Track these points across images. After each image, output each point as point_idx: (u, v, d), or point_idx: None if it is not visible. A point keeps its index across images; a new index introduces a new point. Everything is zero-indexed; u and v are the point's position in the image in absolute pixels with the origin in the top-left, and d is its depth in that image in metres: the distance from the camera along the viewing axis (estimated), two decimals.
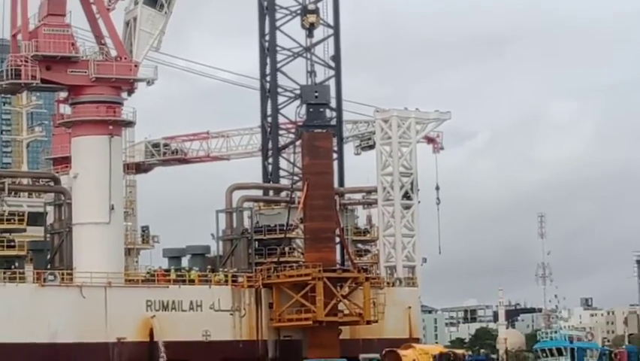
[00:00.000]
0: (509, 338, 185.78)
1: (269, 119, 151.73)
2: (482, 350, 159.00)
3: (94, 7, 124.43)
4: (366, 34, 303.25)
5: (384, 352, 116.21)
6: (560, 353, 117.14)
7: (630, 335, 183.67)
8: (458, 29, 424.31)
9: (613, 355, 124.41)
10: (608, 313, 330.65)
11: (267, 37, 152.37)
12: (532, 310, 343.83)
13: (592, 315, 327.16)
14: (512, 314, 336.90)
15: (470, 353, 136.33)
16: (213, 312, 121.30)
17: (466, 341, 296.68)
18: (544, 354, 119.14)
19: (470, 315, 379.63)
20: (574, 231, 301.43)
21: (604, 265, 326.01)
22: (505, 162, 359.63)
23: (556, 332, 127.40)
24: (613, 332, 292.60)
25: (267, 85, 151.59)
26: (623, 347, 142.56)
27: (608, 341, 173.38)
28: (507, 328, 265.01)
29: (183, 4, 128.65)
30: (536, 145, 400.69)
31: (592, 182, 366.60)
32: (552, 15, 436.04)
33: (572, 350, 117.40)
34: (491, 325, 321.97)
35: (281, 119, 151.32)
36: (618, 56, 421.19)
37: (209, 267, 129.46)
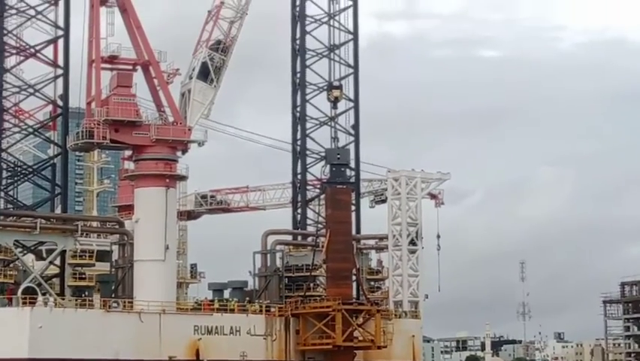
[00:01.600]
0: None
1: (299, 177, 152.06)
2: None
3: (155, 81, 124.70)
4: (382, 106, 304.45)
5: None
6: None
7: None
8: (460, 103, 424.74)
9: None
10: (577, 346, 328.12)
11: (298, 109, 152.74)
12: (513, 342, 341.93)
13: (563, 347, 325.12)
14: (497, 345, 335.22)
15: None
16: (250, 336, 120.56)
17: None
18: None
19: (462, 345, 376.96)
20: (552, 275, 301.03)
21: (575, 305, 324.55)
22: (495, 216, 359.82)
23: None
24: None
25: (298, 148, 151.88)
26: None
27: None
28: (492, 356, 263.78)
29: (230, 81, 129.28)
30: (522, 203, 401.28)
31: (568, 235, 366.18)
32: (538, 94, 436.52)
33: None
34: (479, 353, 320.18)
35: (308, 177, 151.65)
36: (591, 130, 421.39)
37: (247, 298, 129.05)
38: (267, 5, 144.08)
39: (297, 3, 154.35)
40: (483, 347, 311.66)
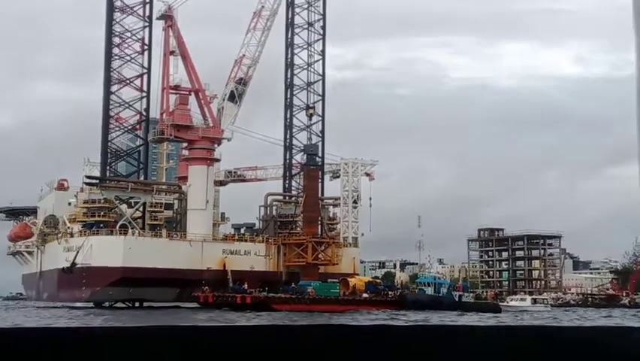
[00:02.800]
0: (401, 277, 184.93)
1: (287, 161, 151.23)
2: (387, 282, 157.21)
3: (202, 101, 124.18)
4: (340, 121, 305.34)
5: (340, 279, 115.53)
6: (428, 285, 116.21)
7: (464, 277, 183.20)
8: (387, 120, 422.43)
9: (455, 287, 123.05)
10: (451, 267, 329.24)
11: (288, 120, 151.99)
12: (413, 264, 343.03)
13: (443, 267, 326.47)
14: (403, 265, 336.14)
15: (382, 282, 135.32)
16: (256, 256, 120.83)
17: (379, 277, 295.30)
18: (421, 285, 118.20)
19: (382, 265, 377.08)
20: (437, 225, 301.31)
21: (451, 242, 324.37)
22: (406, 189, 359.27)
23: (427, 275, 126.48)
24: (452, 276, 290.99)
25: (287, 143, 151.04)
26: (460, 283, 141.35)
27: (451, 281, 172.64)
28: (400, 272, 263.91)
29: (248, 102, 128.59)
30: (422, 182, 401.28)
31: (449, 201, 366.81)
32: (429, 116, 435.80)
33: (435, 283, 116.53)
34: (392, 270, 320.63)
35: (293, 162, 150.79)
36: (464, 137, 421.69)
37: (255, 233, 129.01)
38: (271, 57, 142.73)
39: (289, 56, 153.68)
40: (395, 266, 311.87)
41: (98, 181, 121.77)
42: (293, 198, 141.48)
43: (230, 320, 72.36)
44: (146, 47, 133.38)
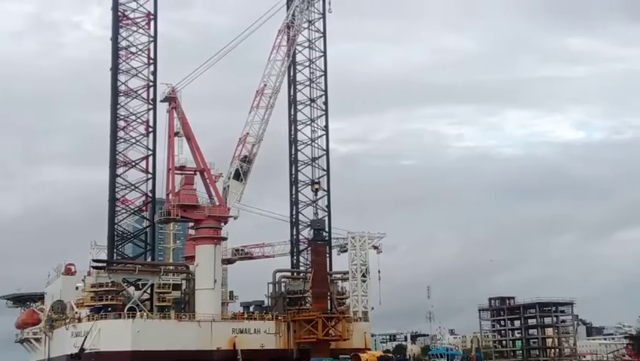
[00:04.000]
0: (413, 349, 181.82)
1: (294, 237, 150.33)
2: (399, 355, 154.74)
3: (207, 180, 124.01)
4: (344, 195, 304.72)
5: (352, 355, 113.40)
6: (441, 356, 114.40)
7: (477, 348, 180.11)
8: (391, 192, 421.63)
9: (469, 358, 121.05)
10: (463, 337, 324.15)
11: (294, 196, 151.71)
12: (424, 335, 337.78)
13: (454, 338, 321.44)
14: (414, 337, 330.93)
15: (394, 356, 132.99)
16: (266, 334, 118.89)
17: (391, 350, 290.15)
18: (434, 356, 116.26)
19: (393, 337, 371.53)
20: (447, 294, 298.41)
21: (462, 312, 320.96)
22: (413, 260, 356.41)
23: (439, 346, 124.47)
24: (465, 346, 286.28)
25: (293, 219, 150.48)
26: (473, 353, 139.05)
27: (464, 352, 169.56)
28: (412, 344, 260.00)
29: (253, 179, 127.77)
30: (429, 253, 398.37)
31: (458, 270, 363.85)
32: (435, 186, 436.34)
33: (448, 355, 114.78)
34: (404, 343, 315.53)
35: (300, 237, 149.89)
36: (468, 205, 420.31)
37: (264, 311, 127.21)
38: (274, 134, 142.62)
39: (292, 132, 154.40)
40: (406, 339, 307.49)
41: (105, 264, 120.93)
42: (301, 274, 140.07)
43: None
44: (150, 129, 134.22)
